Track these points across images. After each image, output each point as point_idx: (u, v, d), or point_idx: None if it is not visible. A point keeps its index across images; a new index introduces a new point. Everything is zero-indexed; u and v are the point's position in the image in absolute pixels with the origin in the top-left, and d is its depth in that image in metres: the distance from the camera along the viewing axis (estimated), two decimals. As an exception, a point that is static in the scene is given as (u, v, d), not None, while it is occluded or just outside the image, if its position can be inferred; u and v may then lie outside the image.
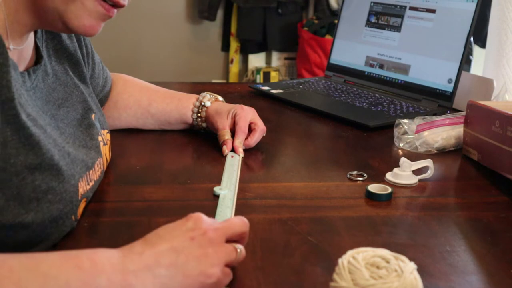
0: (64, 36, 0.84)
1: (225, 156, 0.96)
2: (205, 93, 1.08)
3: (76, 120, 0.80)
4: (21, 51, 0.72)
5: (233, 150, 0.98)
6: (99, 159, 0.80)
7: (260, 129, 1.01)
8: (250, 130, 1.01)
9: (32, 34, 0.75)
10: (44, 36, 0.79)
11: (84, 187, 0.72)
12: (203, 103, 1.05)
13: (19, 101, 0.63)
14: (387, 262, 0.53)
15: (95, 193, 0.81)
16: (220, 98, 1.09)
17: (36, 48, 0.77)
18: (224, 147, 0.97)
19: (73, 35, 0.87)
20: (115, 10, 0.72)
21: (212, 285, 0.56)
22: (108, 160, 0.89)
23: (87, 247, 0.56)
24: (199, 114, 1.06)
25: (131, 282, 0.53)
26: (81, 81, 0.87)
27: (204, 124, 1.06)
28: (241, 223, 0.62)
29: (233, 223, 0.62)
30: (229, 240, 0.60)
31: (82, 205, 0.73)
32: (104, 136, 0.87)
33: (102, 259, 0.53)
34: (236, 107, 1.02)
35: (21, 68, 0.72)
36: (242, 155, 0.97)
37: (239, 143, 0.98)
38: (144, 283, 0.53)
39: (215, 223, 0.60)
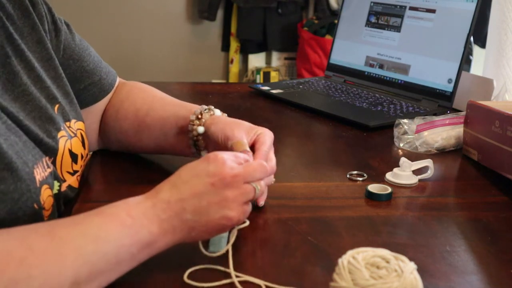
0: (19, 15, 0.76)
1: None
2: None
3: (37, 110, 0.73)
4: None
5: None
6: (44, 159, 0.71)
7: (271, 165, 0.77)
8: None
9: None
10: None
11: (41, 173, 0.67)
12: (211, 109, 0.85)
13: None
14: (387, 262, 0.53)
15: (95, 192, 0.80)
16: None
17: None
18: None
19: (32, 12, 0.78)
20: None
21: (233, 225, 0.62)
22: (85, 152, 0.83)
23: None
24: (199, 116, 0.83)
25: (165, 228, 0.59)
26: (44, 64, 0.78)
27: (200, 129, 0.83)
28: (261, 169, 0.65)
29: (253, 168, 0.64)
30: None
31: (45, 193, 0.67)
32: (70, 129, 0.79)
33: (139, 214, 0.58)
34: (261, 128, 0.81)
35: None
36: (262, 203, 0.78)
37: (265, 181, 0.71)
38: (175, 229, 0.59)
39: (234, 168, 0.62)
